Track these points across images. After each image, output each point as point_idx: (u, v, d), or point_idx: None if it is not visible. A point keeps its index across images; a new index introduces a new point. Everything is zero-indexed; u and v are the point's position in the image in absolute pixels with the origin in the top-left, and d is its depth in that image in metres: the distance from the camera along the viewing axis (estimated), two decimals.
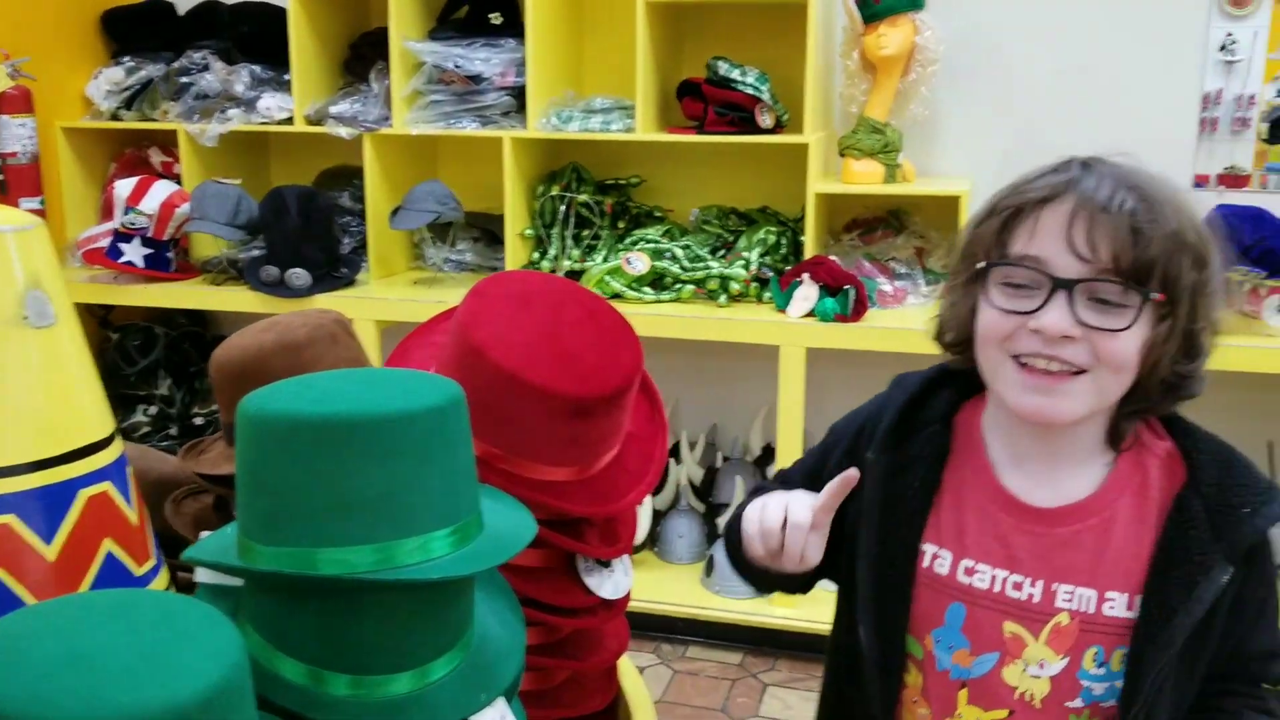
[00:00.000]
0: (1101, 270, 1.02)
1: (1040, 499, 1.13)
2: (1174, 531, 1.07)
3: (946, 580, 1.15)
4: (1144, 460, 1.11)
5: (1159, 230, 1.01)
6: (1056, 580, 1.10)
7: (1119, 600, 1.09)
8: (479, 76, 3.08)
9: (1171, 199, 1.04)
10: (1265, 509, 1.06)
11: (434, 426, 0.93)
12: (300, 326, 1.36)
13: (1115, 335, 1.02)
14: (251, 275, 3.15)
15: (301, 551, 0.93)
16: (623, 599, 1.31)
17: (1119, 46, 3.01)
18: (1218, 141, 3.01)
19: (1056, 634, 1.10)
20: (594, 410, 1.17)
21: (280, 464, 0.92)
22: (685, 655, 3.04)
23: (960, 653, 1.15)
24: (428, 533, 0.95)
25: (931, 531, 1.16)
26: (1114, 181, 1.04)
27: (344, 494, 0.91)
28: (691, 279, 3.00)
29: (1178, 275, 1.02)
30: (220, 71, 3.31)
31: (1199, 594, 1.04)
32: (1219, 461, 1.08)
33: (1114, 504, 1.10)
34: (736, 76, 2.93)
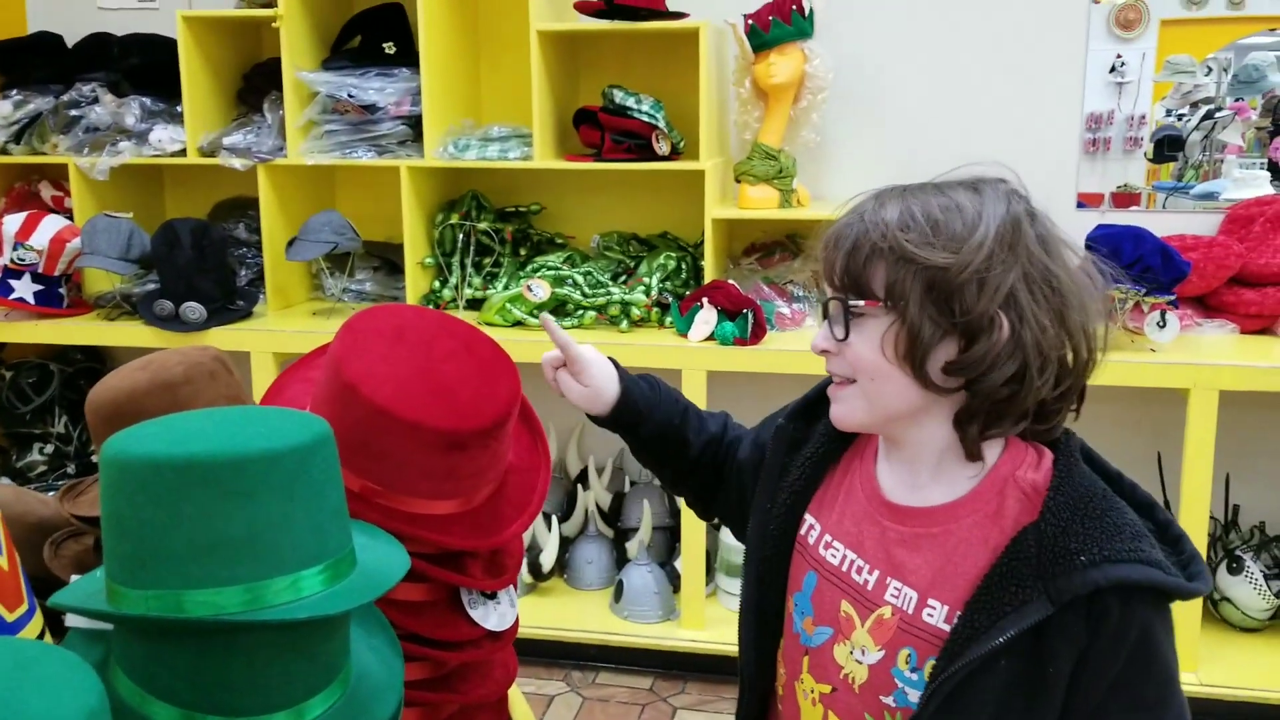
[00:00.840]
0: (835, 289, 1.13)
1: (897, 495, 1.17)
2: (1004, 560, 1.06)
3: (811, 549, 1.22)
4: (1007, 489, 1.11)
5: (855, 244, 1.09)
6: (890, 574, 1.14)
7: (939, 610, 1.10)
8: (374, 106, 3.07)
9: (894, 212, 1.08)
10: (1107, 565, 1.02)
11: (299, 465, 0.93)
12: (177, 364, 1.35)
13: (849, 345, 1.12)
14: (145, 310, 3.10)
15: (169, 594, 0.93)
16: (509, 630, 1.32)
17: (1002, 70, 3.10)
18: (1111, 160, 3.10)
19: (878, 625, 1.14)
20: (470, 443, 1.18)
21: (143, 506, 0.91)
22: (595, 681, 3.04)
23: (807, 620, 1.20)
24: (297, 571, 0.95)
25: (814, 504, 1.24)
26: (852, 209, 1.14)
27: (209, 535, 0.91)
28: (593, 305, 3.02)
29: (890, 277, 1.07)
30: (110, 104, 3.26)
31: (1004, 624, 1.03)
32: (1075, 506, 1.06)
33: (958, 520, 1.11)
34: (632, 104, 2.97)
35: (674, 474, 1.43)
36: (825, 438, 1.25)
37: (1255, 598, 2.88)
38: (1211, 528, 2.93)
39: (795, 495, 1.24)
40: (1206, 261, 2.84)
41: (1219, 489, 3.01)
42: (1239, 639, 2.93)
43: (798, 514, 1.24)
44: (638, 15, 2.93)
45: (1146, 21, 3.02)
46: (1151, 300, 2.70)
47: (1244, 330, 2.87)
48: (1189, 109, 3.06)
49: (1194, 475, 2.64)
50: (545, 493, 1.32)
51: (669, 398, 1.39)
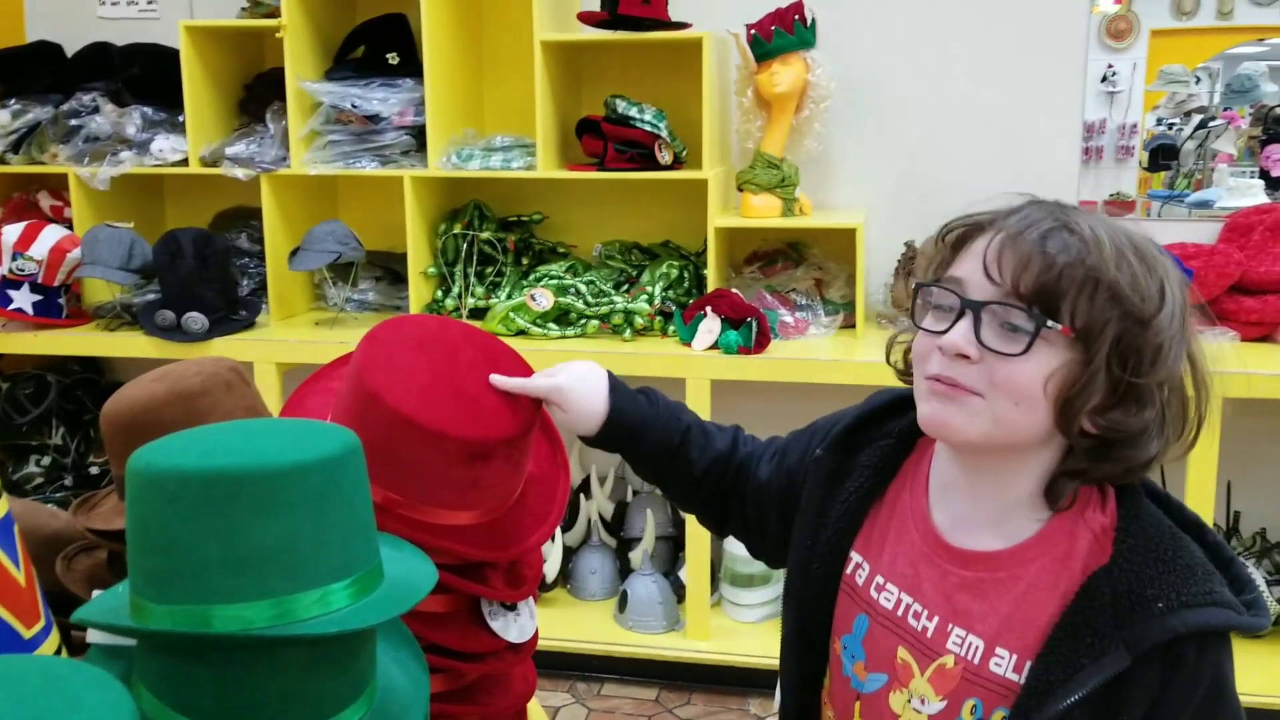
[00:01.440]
0: (1011, 294, 1.00)
1: (957, 538, 1.10)
2: (1076, 608, 1.02)
3: (860, 590, 1.15)
4: (1076, 531, 1.06)
5: (1069, 260, 0.98)
6: (953, 621, 1.08)
7: (1007, 660, 1.05)
8: (377, 116, 3.07)
9: (1114, 242, 0.99)
10: (1185, 612, 0.99)
11: (329, 477, 0.92)
12: (194, 375, 1.34)
13: (1009, 360, 0.99)
14: (146, 320, 3.09)
15: (195, 609, 0.92)
16: (529, 642, 1.31)
17: (1002, 80, 3.11)
18: (1104, 169, 3.12)
19: (939, 674, 1.09)
20: (493, 453, 1.17)
21: (170, 520, 0.90)
22: (600, 693, 3.03)
23: (859, 664, 1.15)
24: (326, 585, 0.94)
25: (861, 541, 1.17)
26: (1049, 215, 1.02)
27: (237, 549, 0.90)
28: (596, 314, 3.01)
29: (1093, 313, 0.98)
30: (111, 114, 3.25)
31: (1082, 677, 0.99)
32: (1148, 550, 1.03)
33: (1027, 564, 1.06)
34: (634, 114, 2.97)
35: (677, 494, 1.37)
36: (870, 470, 1.18)
37: None
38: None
39: (840, 532, 1.17)
40: (1207, 269, 2.85)
41: (1221, 496, 3.02)
42: (1243, 645, 2.92)
43: (843, 551, 1.17)
44: (641, 26, 2.94)
45: (1137, 32, 3.04)
46: None
47: (1245, 338, 2.88)
48: (1182, 118, 3.08)
49: (1197, 482, 2.64)
50: (565, 503, 1.32)
51: (668, 414, 1.32)
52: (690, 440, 1.31)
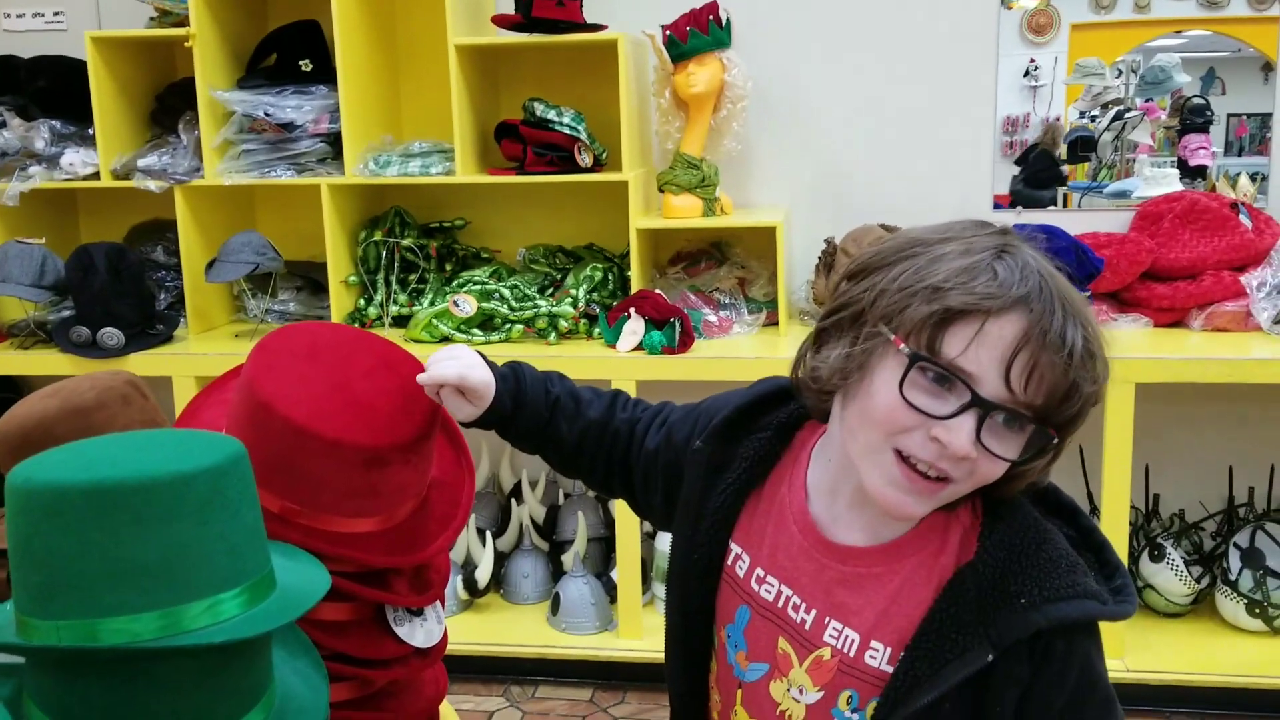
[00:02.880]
0: (1024, 404, 0.98)
1: (835, 533, 1.12)
2: (942, 604, 1.04)
3: (741, 582, 1.17)
4: (949, 527, 1.09)
5: (1090, 389, 0.99)
6: (830, 614, 1.10)
7: (881, 652, 1.07)
8: (291, 124, 3.04)
9: (1101, 344, 1.01)
10: (1048, 606, 1.01)
11: (212, 487, 0.92)
12: (88, 390, 1.32)
13: (1000, 461, 1.00)
14: (61, 337, 3.03)
15: (82, 623, 0.91)
16: (438, 646, 1.31)
17: (917, 75, 3.15)
18: None
19: (817, 665, 1.10)
20: (390, 459, 1.17)
21: (50, 535, 0.89)
22: (535, 695, 3.02)
23: (740, 654, 1.17)
24: (215, 595, 0.93)
25: (740, 532, 1.18)
26: (1063, 308, 0.98)
27: (121, 562, 0.89)
28: (520, 318, 3.01)
29: (1081, 416, 1.01)
30: (18, 128, 3.18)
31: (946, 673, 1.02)
32: (1011, 545, 1.05)
33: (902, 560, 1.08)
34: (553, 117, 2.97)
35: (557, 463, 1.35)
36: (749, 462, 1.18)
37: (1177, 584, 2.94)
38: (1133, 517, 3.00)
39: (718, 523, 1.18)
40: (1119, 258, 2.91)
41: (1139, 479, 3.09)
42: (1162, 624, 3.00)
43: (722, 542, 1.18)
44: (556, 28, 2.94)
45: (1058, 26, 3.09)
46: None
47: (1157, 324, 2.94)
48: (1100, 110, 3.13)
49: (1114, 466, 2.70)
50: (470, 507, 1.32)
51: (535, 389, 1.30)
52: (560, 411, 1.31)
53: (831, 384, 1.08)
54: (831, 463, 1.14)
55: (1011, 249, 1.01)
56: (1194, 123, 3.14)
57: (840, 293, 1.09)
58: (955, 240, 1.02)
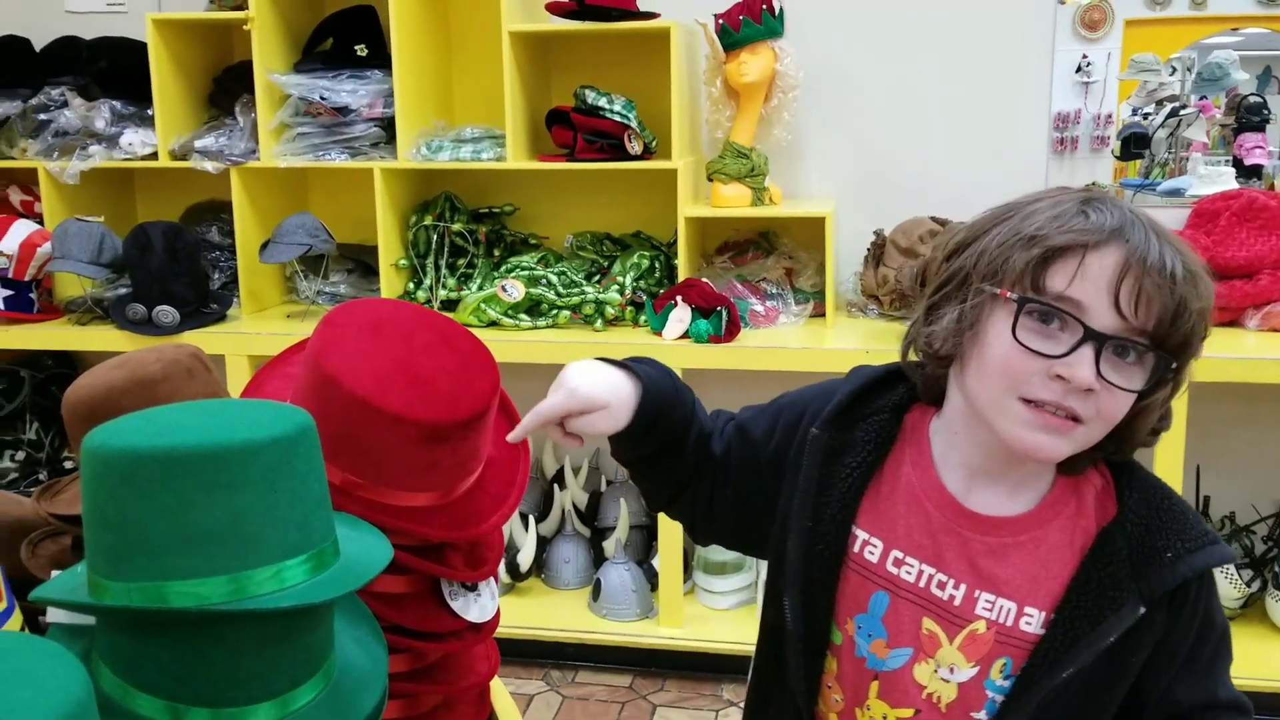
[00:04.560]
0: (1136, 330, 1.00)
1: (975, 504, 1.12)
2: (1093, 563, 1.07)
3: (875, 568, 1.15)
4: (1082, 489, 1.12)
5: (1197, 305, 1.01)
6: (980, 588, 1.10)
7: (1036, 617, 1.09)
8: (346, 108, 3.07)
9: (1202, 266, 1.03)
10: (1189, 557, 1.06)
11: (282, 455, 0.93)
12: (154, 362, 1.34)
13: (1122, 394, 1.01)
14: (117, 314, 3.08)
15: (152, 586, 0.93)
16: (490, 622, 1.32)
17: (971, 69, 3.13)
18: (1078, 160, 3.14)
19: (971, 641, 1.11)
20: (450, 435, 1.19)
21: (125, 499, 0.91)
22: (574, 680, 3.04)
23: (878, 642, 1.15)
24: (281, 561, 0.95)
25: (865, 517, 1.16)
26: (1157, 239, 1.01)
27: (192, 526, 0.91)
28: (567, 304, 3.03)
29: (1194, 347, 1.03)
30: (80, 108, 3.24)
31: (1104, 629, 1.05)
32: (1149, 503, 1.09)
33: (1045, 525, 1.11)
34: (604, 104, 2.98)
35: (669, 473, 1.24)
36: (869, 445, 1.17)
37: (1227, 587, 2.91)
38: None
39: (844, 509, 1.16)
40: None
41: (1190, 480, 3.05)
42: None
43: (848, 529, 1.16)
44: (609, 16, 2.95)
45: (1111, 22, 3.06)
46: None
47: (1213, 323, 2.91)
48: (1154, 107, 3.10)
49: (1166, 467, 2.67)
50: (525, 485, 1.33)
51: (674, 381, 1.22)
52: (694, 418, 1.23)
53: (947, 348, 1.10)
54: (958, 434, 1.14)
55: (1098, 197, 1.06)
56: (1250, 121, 3.10)
57: (942, 269, 1.12)
58: (1045, 199, 1.07)
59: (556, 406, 1.14)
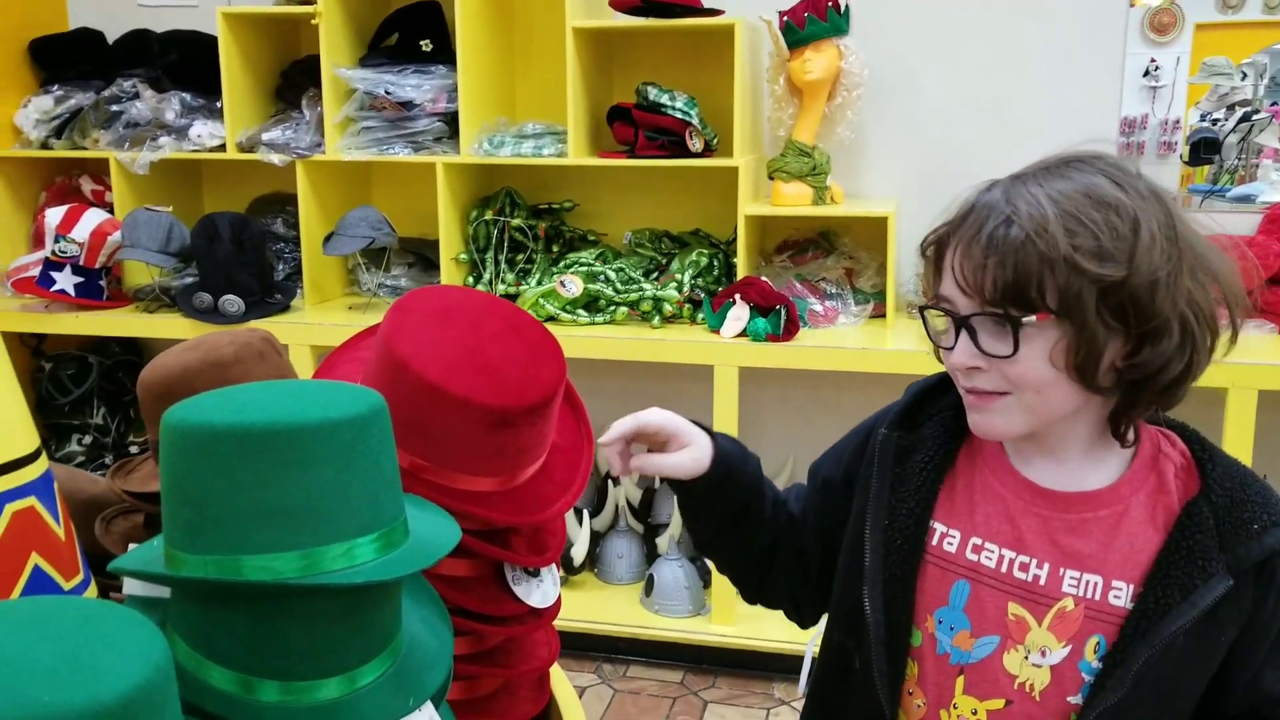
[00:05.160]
0: (989, 302, 1.04)
1: (1051, 483, 1.13)
2: (1181, 535, 1.07)
3: (954, 558, 1.15)
4: (1161, 465, 1.11)
5: (1018, 253, 1.01)
6: (1064, 565, 1.10)
7: (1125, 590, 1.08)
8: (410, 103, 3.10)
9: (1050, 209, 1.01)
10: (1276, 530, 1.06)
11: (354, 435, 0.95)
12: (227, 345, 1.37)
13: (1009, 361, 1.04)
14: (184, 302, 3.14)
15: (227, 559, 0.95)
16: (552, 608, 1.33)
17: (1038, 71, 3.10)
18: (1145, 165, 3.06)
19: (1060, 619, 1.10)
20: (517, 421, 1.20)
21: (202, 473, 0.93)
22: (626, 675, 3.05)
23: (961, 634, 1.14)
24: (353, 539, 0.97)
25: (942, 510, 1.17)
26: (989, 209, 1.05)
27: (267, 502, 0.93)
28: (625, 301, 3.04)
29: (1061, 289, 1.00)
30: (150, 99, 3.30)
31: (1195, 598, 1.05)
32: (1233, 476, 1.09)
33: (1127, 499, 1.10)
34: (666, 101, 2.99)
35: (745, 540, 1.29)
36: (939, 441, 1.19)
37: None
38: None
39: (921, 502, 1.17)
40: (1246, 260, 2.82)
41: None
42: None
43: (925, 523, 1.16)
44: (672, 12, 2.95)
45: (1181, 25, 3.01)
46: None
47: None
48: (1225, 112, 3.04)
49: None
50: (588, 473, 1.34)
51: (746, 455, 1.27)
52: (764, 478, 1.28)
53: None
54: None
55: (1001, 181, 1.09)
56: None
57: None
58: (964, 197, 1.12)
59: (656, 420, 1.23)
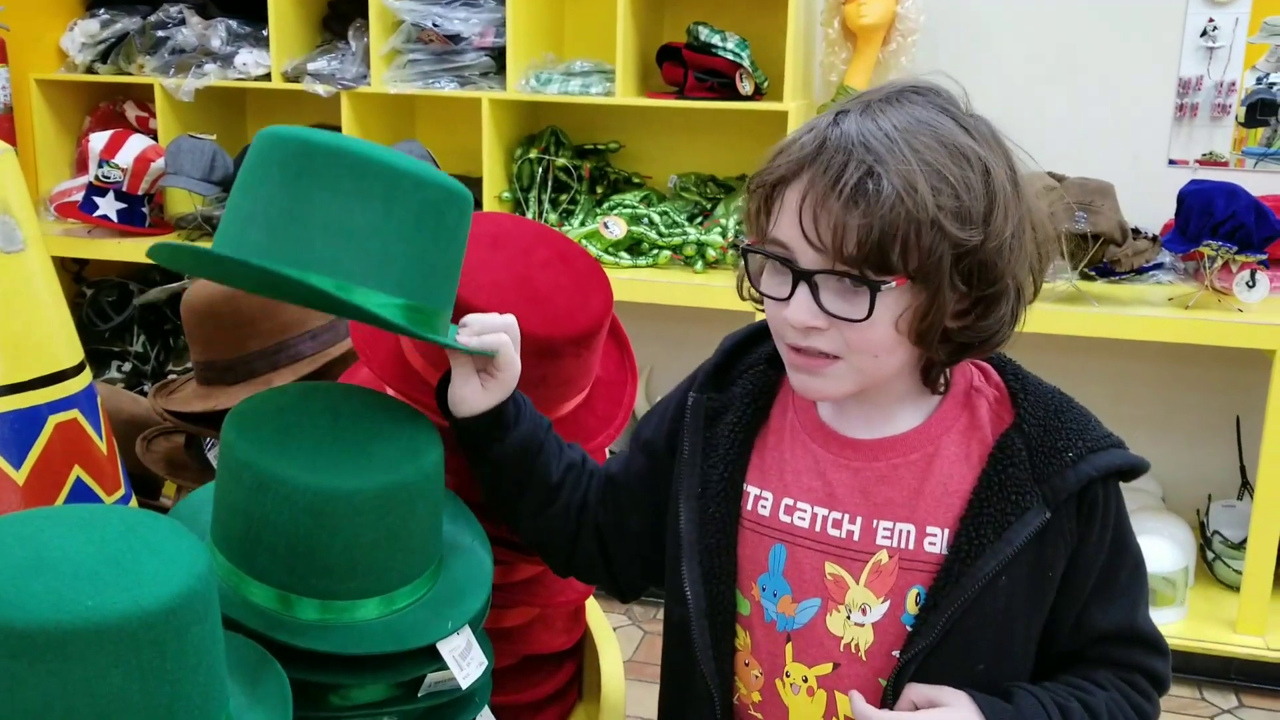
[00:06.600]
0: (835, 259, 0.95)
1: (860, 433, 1.08)
2: (994, 469, 1.02)
3: (769, 521, 1.09)
4: (974, 401, 1.07)
5: (883, 209, 0.92)
6: (876, 517, 1.05)
7: (940, 535, 1.03)
8: (458, 36, 3.06)
9: (915, 161, 0.94)
10: (1093, 456, 1.01)
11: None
12: None
13: (856, 325, 0.97)
14: None
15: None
16: None
17: (1098, 28, 3.02)
18: (1198, 127, 3.02)
19: (876, 574, 1.05)
20: (562, 351, 1.18)
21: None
22: (656, 617, 3.06)
23: (784, 600, 1.08)
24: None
25: (754, 472, 1.11)
26: (847, 154, 0.95)
27: None
28: (668, 245, 3.01)
29: (923, 253, 0.94)
30: (197, 26, 3.28)
31: (1009, 535, 1.00)
32: (1047, 405, 1.05)
33: (936, 440, 1.05)
34: (717, 42, 2.93)
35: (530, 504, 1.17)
36: (749, 398, 1.12)
37: None
38: None
39: (732, 466, 1.10)
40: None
41: None
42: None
43: (739, 486, 1.11)
44: None
45: None
46: (1242, 259, 2.63)
47: None
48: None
49: (1275, 440, 2.58)
50: (631, 407, 1.32)
51: (532, 412, 1.16)
52: (550, 439, 1.17)
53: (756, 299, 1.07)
54: None
55: (848, 114, 0.98)
56: None
57: None
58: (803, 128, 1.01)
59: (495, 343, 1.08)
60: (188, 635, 0.74)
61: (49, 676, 0.69)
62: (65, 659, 0.69)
